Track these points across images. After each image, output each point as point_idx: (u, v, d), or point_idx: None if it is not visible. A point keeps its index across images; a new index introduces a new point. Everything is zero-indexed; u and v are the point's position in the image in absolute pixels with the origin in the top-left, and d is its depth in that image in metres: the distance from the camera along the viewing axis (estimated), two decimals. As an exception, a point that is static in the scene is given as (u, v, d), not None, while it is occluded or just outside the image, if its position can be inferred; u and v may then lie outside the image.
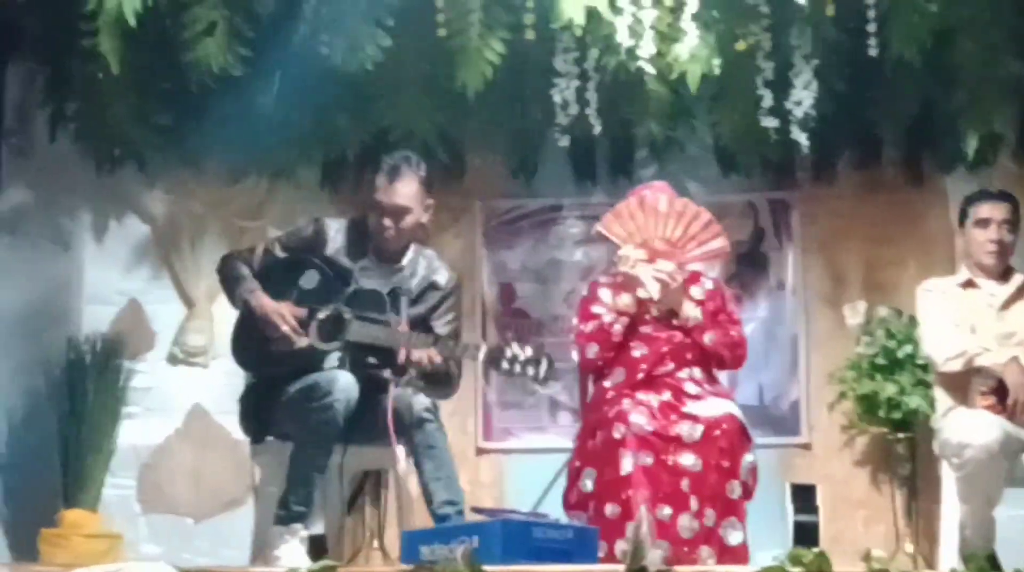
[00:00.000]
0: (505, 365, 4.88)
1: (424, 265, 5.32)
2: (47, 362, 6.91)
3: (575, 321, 5.77)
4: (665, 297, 5.52)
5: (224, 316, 6.78)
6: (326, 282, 5.24)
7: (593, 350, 5.59)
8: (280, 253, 5.36)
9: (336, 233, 5.35)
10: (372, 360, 5.11)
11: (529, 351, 4.88)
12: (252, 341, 5.25)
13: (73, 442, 6.80)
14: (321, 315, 5.17)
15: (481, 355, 4.93)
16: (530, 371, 4.85)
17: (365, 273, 5.25)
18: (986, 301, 5.46)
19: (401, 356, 5.04)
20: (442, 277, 5.31)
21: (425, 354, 4.98)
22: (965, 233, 5.59)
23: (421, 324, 5.23)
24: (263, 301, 5.19)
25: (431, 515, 5.01)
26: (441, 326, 5.27)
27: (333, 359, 5.09)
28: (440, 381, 5.18)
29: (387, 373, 5.07)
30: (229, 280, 5.34)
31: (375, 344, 5.07)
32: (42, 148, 6.91)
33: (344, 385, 4.94)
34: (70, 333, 7.07)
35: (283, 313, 5.14)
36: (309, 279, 5.26)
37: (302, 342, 5.12)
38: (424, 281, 5.26)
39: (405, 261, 5.30)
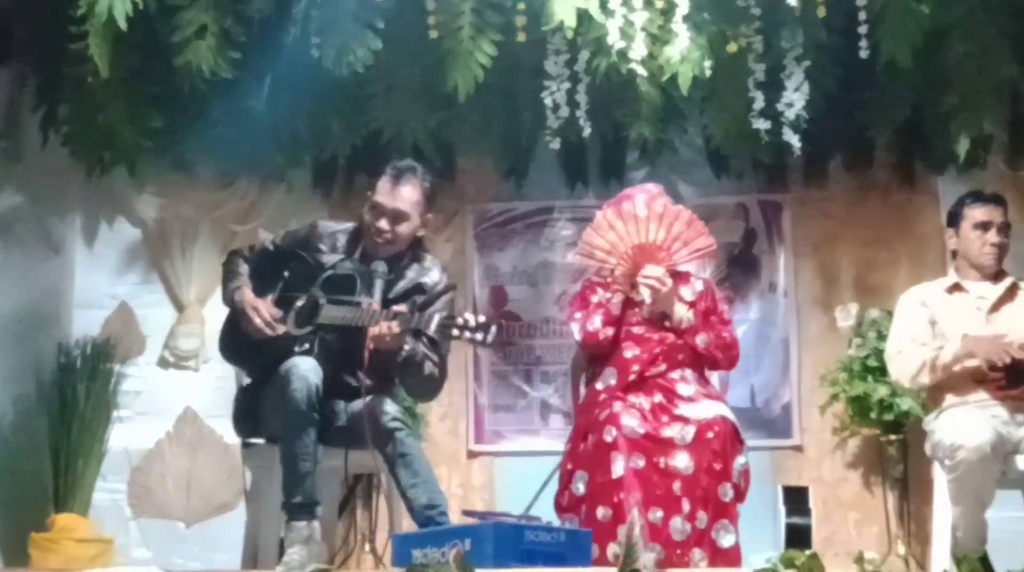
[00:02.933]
0: (455, 331, 4.82)
1: (416, 269, 5.29)
2: (38, 366, 6.90)
3: (570, 312, 5.75)
4: (656, 301, 5.52)
5: (215, 319, 6.79)
6: (307, 271, 5.23)
7: (595, 323, 5.57)
8: (270, 247, 5.39)
9: (329, 234, 5.35)
10: (341, 344, 5.08)
11: (481, 318, 4.85)
12: (234, 335, 5.26)
13: (64, 446, 6.79)
14: (299, 303, 5.16)
15: (434, 325, 4.88)
16: (479, 336, 4.80)
17: (344, 264, 5.24)
18: (974, 304, 5.45)
19: (371, 332, 4.94)
20: (431, 278, 5.25)
21: (384, 325, 4.93)
22: (960, 235, 5.56)
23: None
24: (244, 295, 5.20)
25: (415, 522, 4.99)
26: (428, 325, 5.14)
27: (305, 348, 5.09)
28: (412, 375, 5.14)
29: (358, 377, 5.04)
30: (225, 276, 5.38)
31: (343, 324, 5.04)
32: (33, 152, 6.90)
33: (304, 370, 4.90)
34: (61, 337, 7.07)
35: (257, 306, 5.15)
36: (293, 270, 5.26)
37: (275, 332, 5.11)
38: (411, 282, 5.23)
39: (382, 270, 5.24)
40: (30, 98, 6.86)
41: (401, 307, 4.99)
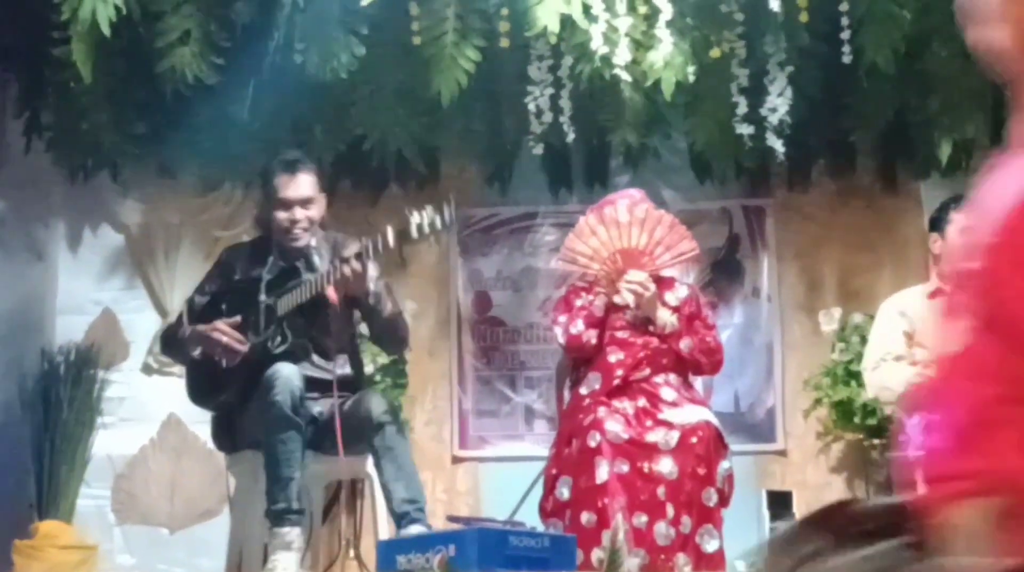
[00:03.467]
0: (415, 233, 4.83)
1: (328, 248, 5.30)
2: (21, 372, 6.89)
3: (554, 316, 5.76)
4: (640, 306, 5.52)
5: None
6: (241, 296, 5.24)
7: (578, 326, 5.57)
8: (199, 300, 5.39)
9: (237, 253, 5.41)
10: (309, 323, 5.10)
11: (428, 209, 4.83)
12: (201, 378, 5.29)
13: (47, 452, 6.78)
14: (252, 317, 5.17)
15: (391, 238, 4.87)
16: (437, 223, 4.80)
17: (271, 269, 5.24)
18: (954, 310, 5.45)
19: (331, 294, 4.96)
20: (351, 250, 5.19)
21: (345, 268, 4.90)
22: (945, 240, 5.55)
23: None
24: (197, 330, 5.22)
25: (391, 515, 4.98)
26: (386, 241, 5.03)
27: (278, 341, 5.10)
28: (385, 320, 5.14)
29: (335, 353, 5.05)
30: (173, 350, 5.45)
31: (305, 301, 5.04)
32: (15, 157, 6.89)
33: (285, 375, 4.91)
34: (44, 343, 7.06)
35: (218, 326, 5.16)
36: (229, 302, 5.27)
37: (244, 348, 5.12)
38: (331, 262, 5.23)
39: (311, 251, 5.25)
40: (13, 104, 6.85)
41: (350, 250, 5.00)
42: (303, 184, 5.22)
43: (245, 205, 7.32)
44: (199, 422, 6.85)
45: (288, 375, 4.92)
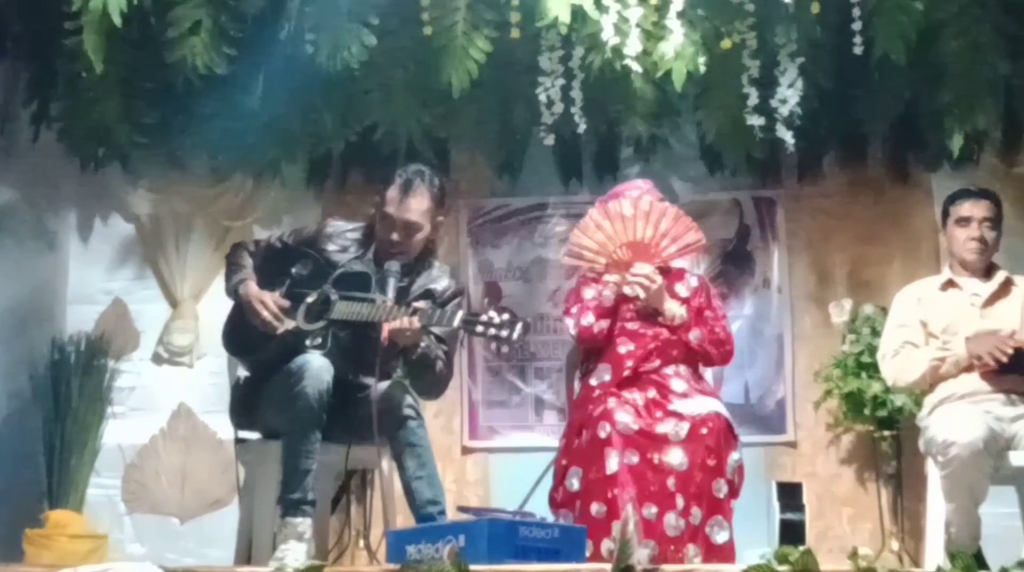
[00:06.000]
0: (480, 328, 4.81)
1: (425, 275, 5.28)
2: (31, 362, 6.90)
3: (565, 308, 5.75)
4: (648, 298, 5.52)
5: (209, 315, 6.81)
6: (317, 269, 5.22)
7: (589, 318, 5.57)
8: (278, 244, 5.38)
9: (339, 233, 5.35)
10: (353, 340, 5.08)
11: (505, 315, 4.82)
12: (239, 328, 5.24)
13: (58, 442, 6.79)
14: (309, 299, 5.15)
15: (458, 319, 4.87)
16: (504, 332, 4.77)
17: (355, 263, 5.23)
18: (968, 301, 5.46)
19: (384, 331, 4.96)
20: (440, 285, 5.23)
21: (405, 320, 4.91)
22: (947, 232, 5.61)
23: None
24: (250, 288, 5.18)
25: (413, 515, 4.99)
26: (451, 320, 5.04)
27: (317, 342, 5.08)
28: (426, 372, 5.13)
29: (370, 374, 5.03)
30: (229, 268, 5.36)
31: (358, 320, 5.03)
32: (26, 147, 6.90)
33: (316, 368, 4.90)
34: (54, 333, 7.07)
35: (264, 300, 5.13)
36: (302, 267, 5.25)
37: (283, 328, 5.10)
38: (421, 288, 5.21)
39: (393, 274, 5.20)
40: (23, 93, 6.86)
41: (421, 303, 4.99)
42: (410, 208, 5.17)
43: (255, 195, 7.33)
44: (209, 412, 6.90)
45: (319, 368, 4.90)
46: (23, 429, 6.79)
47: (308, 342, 5.04)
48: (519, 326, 4.76)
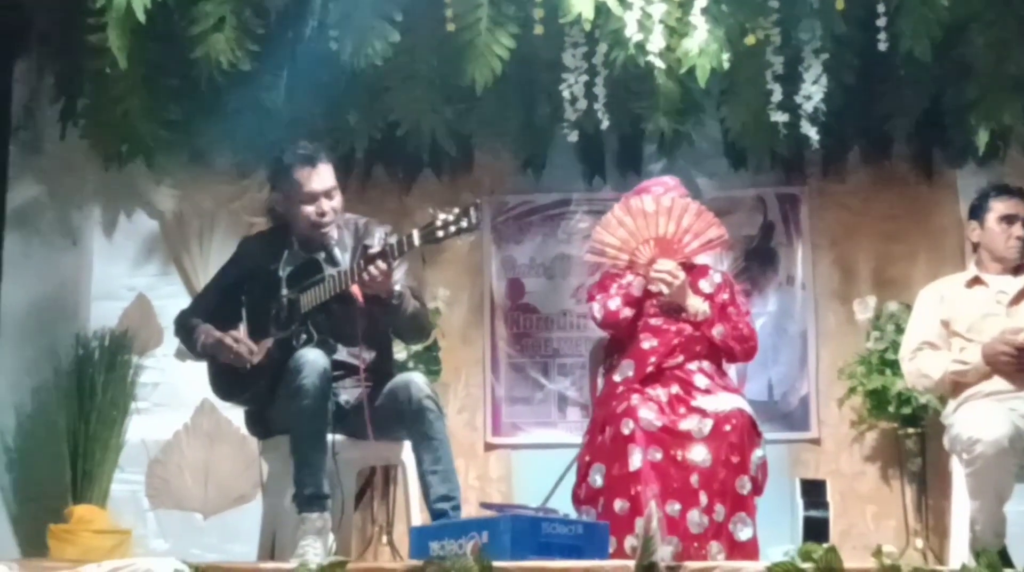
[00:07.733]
0: (441, 234, 4.81)
1: (351, 234, 5.30)
2: (56, 357, 6.91)
3: (589, 295, 5.76)
4: (671, 294, 5.52)
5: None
6: (262, 285, 5.25)
7: (616, 302, 5.58)
8: (213, 296, 5.45)
9: (254, 248, 5.42)
10: (334, 321, 5.10)
11: (456, 209, 4.81)
12: (221, 375, 5.32)
13: (81, 437, 6.80)
14: (273, 312, 5.17)
15: (417, 239, 4.86)
16: (464, 223, 4.77)
17: (292, 260, 5.24)
18: (994, 298, 5.44)
19: (356, 291, 4.97)
20: (377, 236, 5.23)
21: (371, 268, 4.89)
22: (984, 228, 5.54)
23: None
24: (212, 334, 5.25)
25: (428, 509, 4.99)
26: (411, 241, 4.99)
27: (303, 339, 5.10)
28: (411, 314, 5.14)
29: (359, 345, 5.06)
30: (184, 337, 5.45)
31: (330, 298, 5.04)
32: (51, 144, 6.92)
33: (312, 359, 4.92)
34: (79, 328, 7.08)
35: (224, 339, 5.19)
36: (248, 291, 5.32)
37: (255, 359, 5.15)
38: (355, 253, 5.22)
39: (332, 244, 5.25)
40: (49, 90, 6.87)
41: (375, 247, 4.99)
42: (325, 175, 5.23)
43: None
44: (232, 408, 6.89)
45: (314, 359, 4.92)
46: (47, 425, 6.80)
47: (295, 344, 5.06)
48: (472, 210, 4.78)
